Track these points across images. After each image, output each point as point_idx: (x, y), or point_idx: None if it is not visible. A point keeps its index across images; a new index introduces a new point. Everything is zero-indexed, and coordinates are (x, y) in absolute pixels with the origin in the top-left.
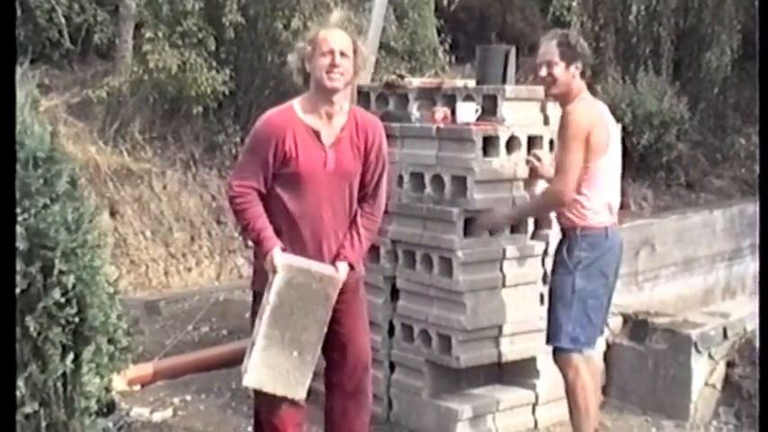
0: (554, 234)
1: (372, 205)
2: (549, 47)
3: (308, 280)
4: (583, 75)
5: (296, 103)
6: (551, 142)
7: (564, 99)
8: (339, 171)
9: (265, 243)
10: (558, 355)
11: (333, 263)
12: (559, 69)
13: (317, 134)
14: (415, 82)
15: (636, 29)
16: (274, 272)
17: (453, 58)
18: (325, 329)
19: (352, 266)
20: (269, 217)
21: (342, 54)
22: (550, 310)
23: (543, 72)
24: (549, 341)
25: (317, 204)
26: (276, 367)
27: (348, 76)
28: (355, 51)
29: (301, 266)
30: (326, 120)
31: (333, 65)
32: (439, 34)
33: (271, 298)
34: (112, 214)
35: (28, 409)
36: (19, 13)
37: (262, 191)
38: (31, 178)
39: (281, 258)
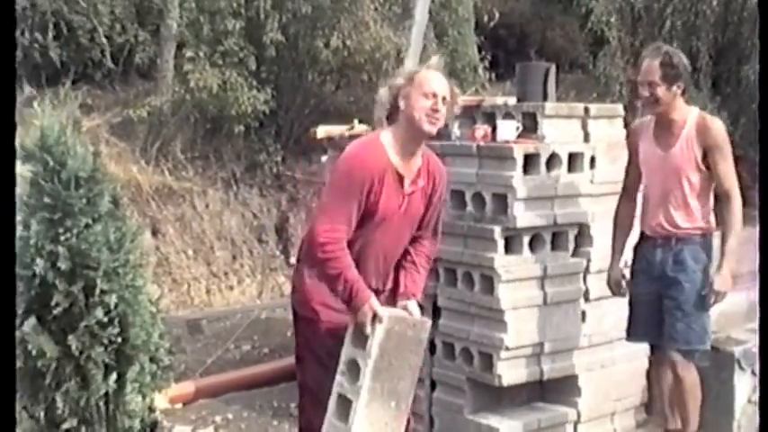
0: (596, 250)
1: (431, 245)
2: (651, 66)
3: (403, 328)
4: (683, 92)
5: (385, 141)
6: (592, 159)
7: (665, 117)
8: (408, 214)
9: (361, 294)
10: (688, 356)
11: (393, 300)
12: (661, 90)
13: (401, 180)
14: None
15: (673, 44)
16: (373, 323)
17: (494, 75)
18: (417, 376)
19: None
20: None
21: (443, 99)
22: (681, 315)
23: (645, 92)
24: (682, 344)
25: (381, 243)
26: (377, 422)
27: (443, 122)
28: (452, 97)
29: (398, 315)
30: (408, 162)
31: (435, 109)
32: (479, 51)
33: (373, 351)
34: (154, 233)
35: (67, 426)
36: (65, 31)
37: (349, 236)
38: (74, 198)
39: (383, 309)
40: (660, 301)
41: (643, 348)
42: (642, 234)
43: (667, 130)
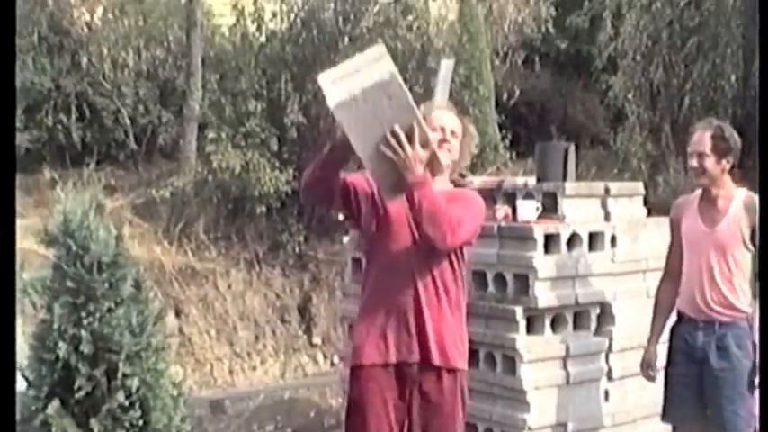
0: (618, 329)
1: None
2: (702, 138)
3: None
4: (732, 168)
5: None
6: (613, 238)
7: (711, 192)
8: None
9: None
10: None
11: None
12: (710, 162)
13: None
14: (476, 181)
15: (692, 119)
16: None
17: (515, 154)
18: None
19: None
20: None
21: (452, 133)
22: (726, 402)
23: (694, 163)
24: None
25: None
26: None
27: (455, 156)
28: (465, 134)
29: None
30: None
31: (443, 140)
32: (500, 129)
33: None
34: (177, 314)
35: None
36: (87, 114)
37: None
38: (96, 282)
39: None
40: (700, 383)
41: (666, 428)
42: (681, 314)
43: (713, 206)
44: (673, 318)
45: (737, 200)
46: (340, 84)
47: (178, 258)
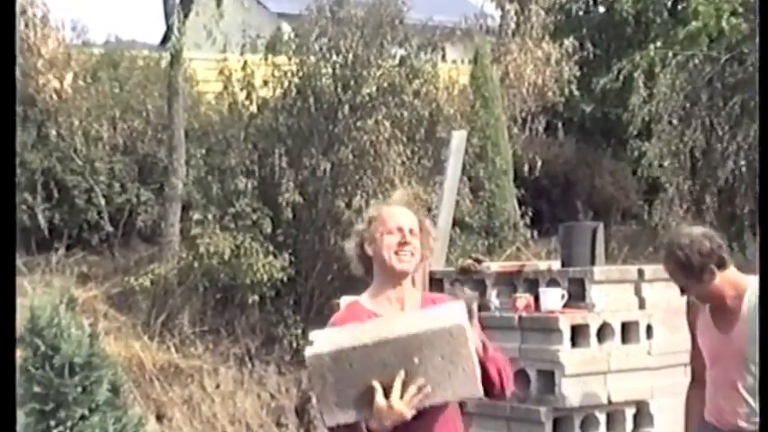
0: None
1: None
2: (670, 270)
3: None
4: (723, 266)
5: (363, 299)
6: (648, 329)
7: (716, 299)
8: None
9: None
10: None
11: None
12: (696, 288)
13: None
14: (494, 266)
15: (738, 188)
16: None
17: (536, 233)
18: None
19: None
20: None
21: (410, 232)
22: None
23: (686, 297)
24: None
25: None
26: None
27: (418, 256)
28: (422, 230)
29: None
30: (399, 307)
31: (402, 243)
32: (519, 206)
33: None
34: (159, 418)
35: None
36: (55, 194)
37: None
38: (68, 387)
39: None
40: None
41: None
42: (708, 423)
43: (724, 307)
44: None
45: (749, 292)
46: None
47: (160, 355)
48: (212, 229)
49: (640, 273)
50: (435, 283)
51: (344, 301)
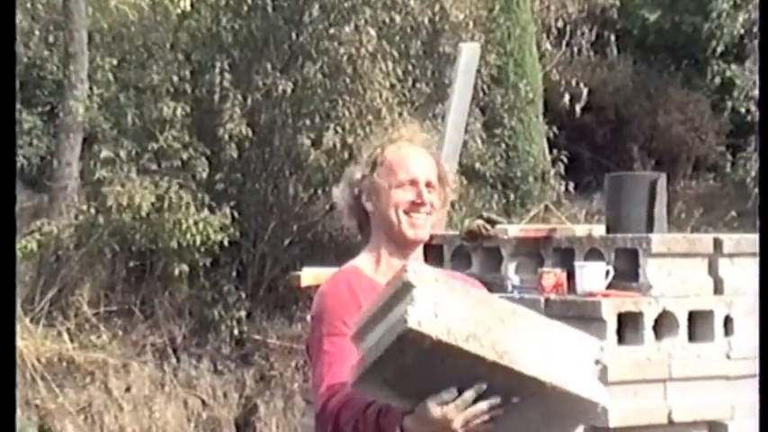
0: None
1: None
2: None
3: None
4: None
5: (362, 263)
6: (727, 321)
7: None
8: None
9: (393, 418)
10: None
11: None
12: None
13: None
14: (513, 230)
15: None
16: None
17: (572, 187)
18: None
19: None
20: None
21: (428, 185)
22: None
23: None
24: None
25: None
26: None
27: (434, 217)
28: (440, 180)
29: None
30: None
31: (418, 202)
32: (550, 150)
33: None
34: None
35: None
36: None
37: None
38: None
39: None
40: None
41: None
42: None
43: None
44: None
45: None
46: None
47: (47, 345)
48: (125, 173)
49: (717, 244)
50: (433, 251)
51: (307, 274)
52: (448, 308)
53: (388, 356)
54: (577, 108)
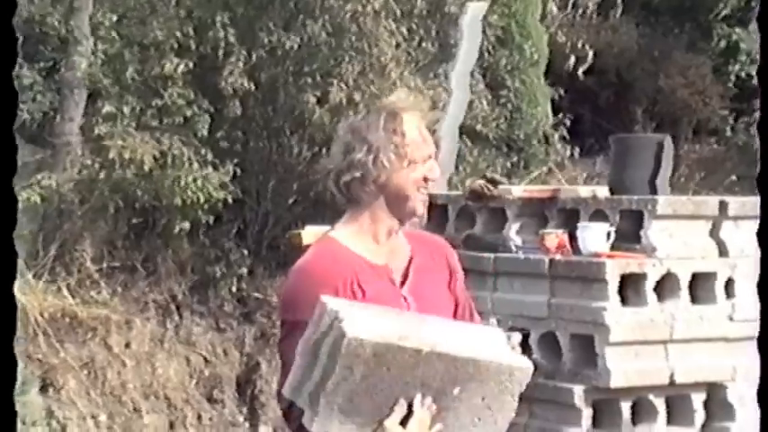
0: (739, 427)
1: None
2: None
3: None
4: None
5: (341, 236)
6: (729, 283)
7: None
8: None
9: None
10: None
11: None
12: None
13: (390, 277)
14: (516, 191)
15: None
16: None
17: (576, 150)
18: None
19: None
20: None
21: (431, 156)
22: None
23: None
24: None
25: None
26: None
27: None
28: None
29: None
30: (391, 255)
31: (431, 178)
32: (554, 112)
33: None
34: (44, 387)
35: None
36: None
37: None
38: None
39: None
40: None
41: None
42: None
43: None
44: None
45: None
46: None
47: (49, 300)
48: (127, 128)
49: (722, 206)
50: (436, 210)
51: (309, 232)
52: (373, 321)
53: (338, 380)
54: (580, 70)
